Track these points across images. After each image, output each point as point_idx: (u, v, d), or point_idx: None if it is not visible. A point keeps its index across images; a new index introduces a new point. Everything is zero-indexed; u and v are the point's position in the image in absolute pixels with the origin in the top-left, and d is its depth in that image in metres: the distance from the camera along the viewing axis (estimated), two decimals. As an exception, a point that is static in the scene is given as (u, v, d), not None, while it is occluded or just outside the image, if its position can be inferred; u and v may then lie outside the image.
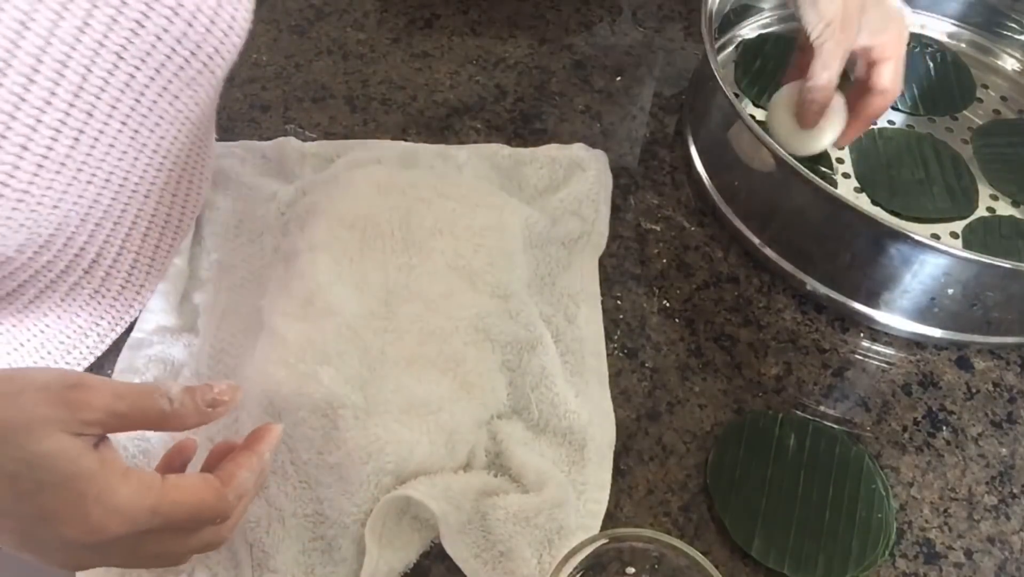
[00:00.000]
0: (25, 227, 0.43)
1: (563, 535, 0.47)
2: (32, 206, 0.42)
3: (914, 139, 0.70)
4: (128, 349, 0.55)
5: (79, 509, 0.33)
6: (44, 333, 0.52)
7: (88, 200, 0.46)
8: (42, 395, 0.34)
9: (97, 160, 0.45)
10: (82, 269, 0.51)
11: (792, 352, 0.59)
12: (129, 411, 0.35)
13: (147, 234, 0.54)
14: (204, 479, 0.37)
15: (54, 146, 0.42)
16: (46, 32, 0.39)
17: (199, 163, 0.57)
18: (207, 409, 0.37)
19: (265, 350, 0.51)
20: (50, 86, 0.40)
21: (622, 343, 0.58)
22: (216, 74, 0.48)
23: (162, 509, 0.35)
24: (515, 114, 0.72)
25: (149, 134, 0.47)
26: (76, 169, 0.44)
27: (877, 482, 0.52)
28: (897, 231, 0.54)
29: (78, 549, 0.35)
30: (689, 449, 0.53)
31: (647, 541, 0.42)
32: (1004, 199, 0.67)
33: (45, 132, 0.41)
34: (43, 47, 0.40)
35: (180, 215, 0.57)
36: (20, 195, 0.41)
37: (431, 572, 0.48)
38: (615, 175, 0.67)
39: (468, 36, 0.78)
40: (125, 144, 0.46)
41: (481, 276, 0.55)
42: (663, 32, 0.80)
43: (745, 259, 0.63)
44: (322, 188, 0.60)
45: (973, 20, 0.80)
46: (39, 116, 0.40)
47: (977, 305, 0.56)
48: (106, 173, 0.46)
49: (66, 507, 0.33)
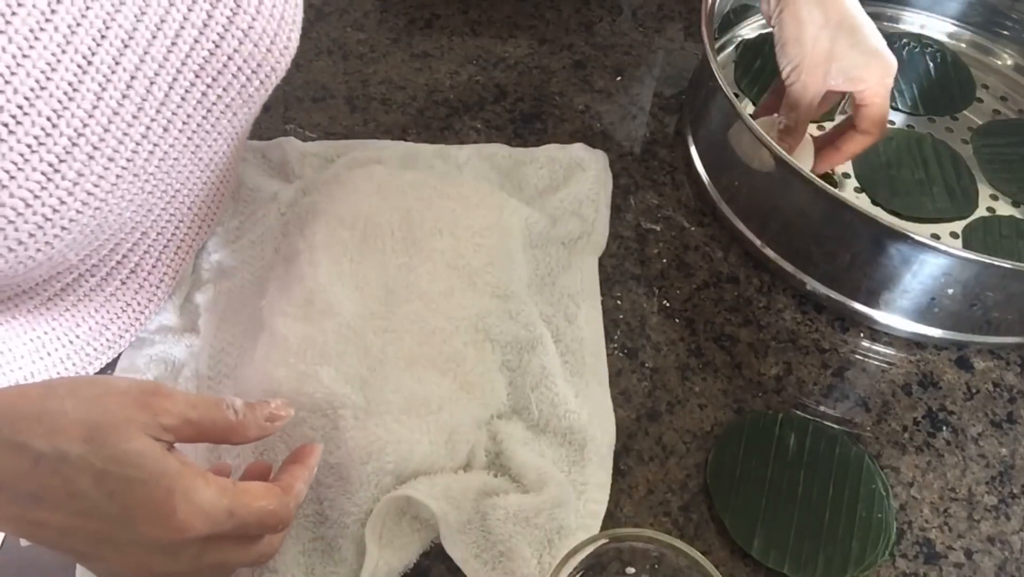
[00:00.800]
0: (95, 234, 0.45)
1: (563, 535, 0.47)
2: (105, 213, 0.44)
3: (914, 139, 0.70)
4: (130, 348, 0.55)
5: (166, 505, 0.34)
6: (65, 331, 0.53)
7: (145, 208, 0.48)
8: (125, 399, 0.35)
9: (163, 171, 0.47)
10: (117, 274, 0.52)
11: (792, 352, 0.59)
12: (200, 420, 0.37)
13: (173, 240, 0.55)
14: (268, 487, 0.39)
15: (134, 158, 0.44)
16: (142, 51, 0.42)
17: (232, 174, 0.59)
18: (266, 423, 0.40)
19: (265, 350, 0.51)
20: (139, 101, 0.43)
21: (622, 343, 0.58)
22: (268, 91, 0.50)
23: (238, 511, 0.36)
24: (515, 114, 0.72)
25: (207, 148, 0.50)
26: (145, 180, 0.46)
27: (877, 482, 0.52)
28: (897, 231, 0.54)
29: (152, 553, 0.35)
30: (689, 449, 0.53)
31: (647, 541, 0.42)
32: (1004, 199, 0.67)
33: (129, 144, 0.43)
34: (138, 64, 0.42)
35: (204, 222, 0.58)
36: (99, 203, 0.43)
37: (431, 572, 0.48)
38: (615, 175, 0.67)
39: (468, 36, 0.78)
40: (187, 157, 0.48)
41: (481, 276, 0.55)
42: (663, 32, 0.80)
43: (745, 259, 0.63)
44: (322, 188, 0.60)
45: (973, 20, 0.80)
46: (127, 129, 0.42)
47: (977, 305, 0.56)
48: (164, 184, 0.48)
49: (152, 504, 0.34)
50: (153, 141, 0.44)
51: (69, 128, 0.40)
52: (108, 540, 0.35)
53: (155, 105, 0.44)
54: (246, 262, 0.59)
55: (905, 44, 0.78)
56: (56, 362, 0.52)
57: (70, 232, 0.42)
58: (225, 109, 0.48)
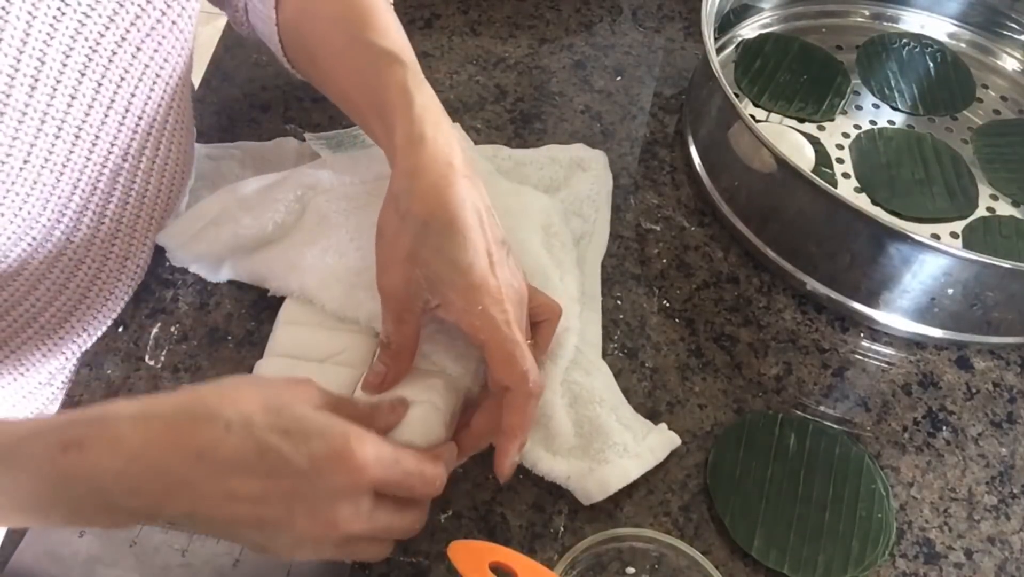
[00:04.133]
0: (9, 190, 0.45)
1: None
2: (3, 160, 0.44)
3: (914, 139, 0.70)
4: None
5: (345, 449, 0.38)
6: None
7: (61, 156, 0.48)
8: (286, 383, 0.41)
9: (61, 112, 0.46)
10: (64, 238, 0.52)
11: (792, 352, 0.59)
12: (338, 406, 0.41)
13: (127, 206, 0.55)
14: (422, 453, 0.43)
15: (11, 92, 0.43)
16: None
17: (179, 135, 0.57)
18: (390, 416, 0.44)
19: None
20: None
21: (622, 343, 0.58)
22: (179, 25, 0.50)
23: (401, 460, 0.40)
24: (515, 114, 0.72)
25: (115, 88, 0.49)
26: (40, 120, 0.45)
27: (877, 482, 0.52)
28: (897, 231, 0.54)
29: (338, 504, 0.38)
30: (689, 449, 0.53)
31: (647, 541, 0.42)
32: (1004, 199, 0.67)
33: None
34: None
35: (162, 189, 0.57)
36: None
37: (431, 572, 0.48)
38: (615, 175, 0.67)
39: (468, 36, 0.78)
40: (90, 97, 0.47)
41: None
42: (663, 32, 0.80)
43: (745, 259, 0.63)
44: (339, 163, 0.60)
45: (973, 20, 0.80)
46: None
47: (977, 305, 0.56)
48: (74, 128, 0.47)
49: (333, 451, 0.38)
50: (31, 75, 0.44)
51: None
52: (300, 498, 0.38)
53: (19, 36, 0.43)
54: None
55: (905, 44, 0.78)
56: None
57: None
58: (120, 42, 0.48)
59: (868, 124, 0.72)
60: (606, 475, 0.49)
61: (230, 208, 0.57)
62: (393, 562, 0.48)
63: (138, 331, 0.56)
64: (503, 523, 0.50)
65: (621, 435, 0.51)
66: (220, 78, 0.73)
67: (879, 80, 0.75)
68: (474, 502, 0.50)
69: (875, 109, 0.73)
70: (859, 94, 0.74)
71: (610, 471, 0.49)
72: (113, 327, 0.57)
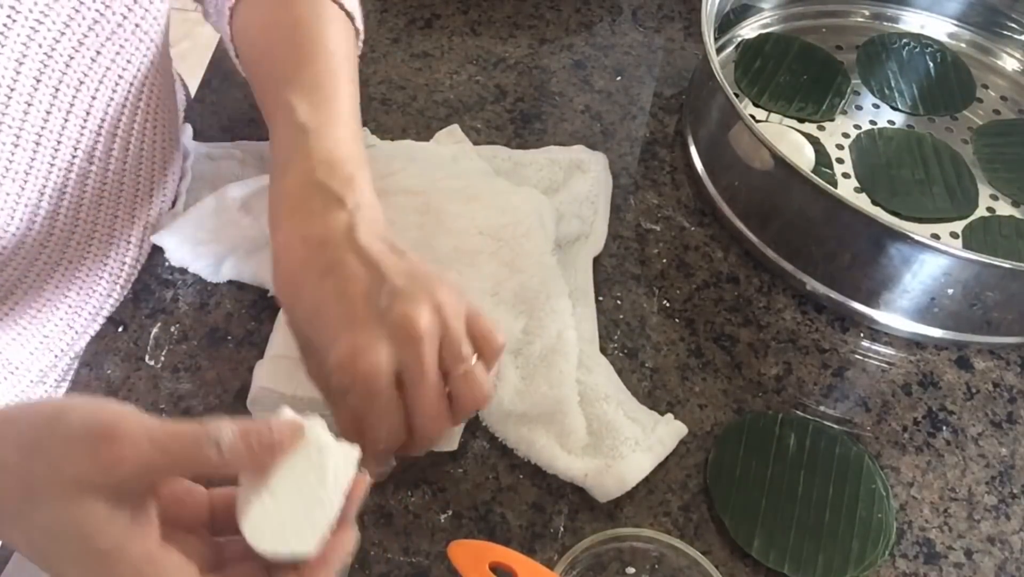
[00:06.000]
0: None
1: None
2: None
3: (914, 139, 0.70)
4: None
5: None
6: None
7: (23, 164, 0.47)
8: (71, 449, 0.30)
9: (18, 120, 0.46)
10: (41, 242, 0.52)
11: (792, 352, 0.59)
12: (172, 465, 0.31)
13: (101, 208, 0.55)
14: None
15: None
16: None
17: (152, 133, 0.57)
18: (263, 455, 0.32)
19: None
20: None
21: (622, 343, 0.58)
22: (142, 28, 0.49)
23: None
24: (515, 114, 0.72)
25: (74, 93, 0.48)
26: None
27: (877, 482, 0.52)
28: (897, 231, 0.54)
29: None
30: (689, 449, 0.53)
31: (647, 541, 0.42)
32: (1004, 199, 0.67)
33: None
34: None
35: (140, 187, 0.57)
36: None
37: (431, 572, 0.48)
38: (615, 175, 0.67)
39: (468, 36, 0.78)
40: (47, 103, 0.47)
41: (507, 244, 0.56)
42: (663, 32, 0.80)
43: (745, 259, 0.63)
44: None
45: (973, 20, 0.80)
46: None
47: (977, 305, 0.56)
48: (34, 135, 0.47)
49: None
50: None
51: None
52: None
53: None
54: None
55: (905, 44, 0.78)
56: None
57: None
58: (78, 47, 0.47)
59: (868, 124, 0.72)
60: (623, 471, 0.49)
61: (230, 208, 0.57)
62: (393, 562, 0.48)
63: (138, 331, 0.56)
64: (503, 523, 0.50)
65: (631, 429, 0.51)
66: (220, 78, 0.73)
67: (879, 80, 0.75)
68: (474, 502, 0.50)
69: (875, 109, 0.73)
70: (859, 94, 0.74)
71: (626, 466, 0.50)
72: (113, 327, 0.57)
